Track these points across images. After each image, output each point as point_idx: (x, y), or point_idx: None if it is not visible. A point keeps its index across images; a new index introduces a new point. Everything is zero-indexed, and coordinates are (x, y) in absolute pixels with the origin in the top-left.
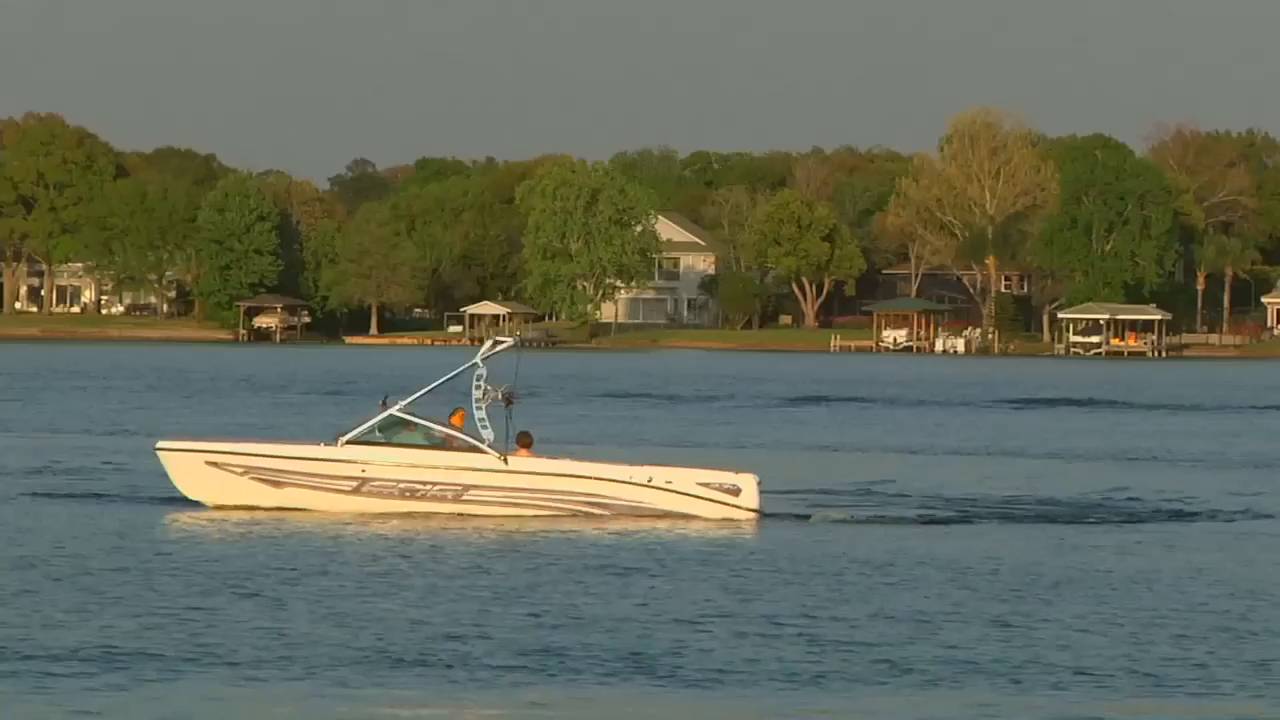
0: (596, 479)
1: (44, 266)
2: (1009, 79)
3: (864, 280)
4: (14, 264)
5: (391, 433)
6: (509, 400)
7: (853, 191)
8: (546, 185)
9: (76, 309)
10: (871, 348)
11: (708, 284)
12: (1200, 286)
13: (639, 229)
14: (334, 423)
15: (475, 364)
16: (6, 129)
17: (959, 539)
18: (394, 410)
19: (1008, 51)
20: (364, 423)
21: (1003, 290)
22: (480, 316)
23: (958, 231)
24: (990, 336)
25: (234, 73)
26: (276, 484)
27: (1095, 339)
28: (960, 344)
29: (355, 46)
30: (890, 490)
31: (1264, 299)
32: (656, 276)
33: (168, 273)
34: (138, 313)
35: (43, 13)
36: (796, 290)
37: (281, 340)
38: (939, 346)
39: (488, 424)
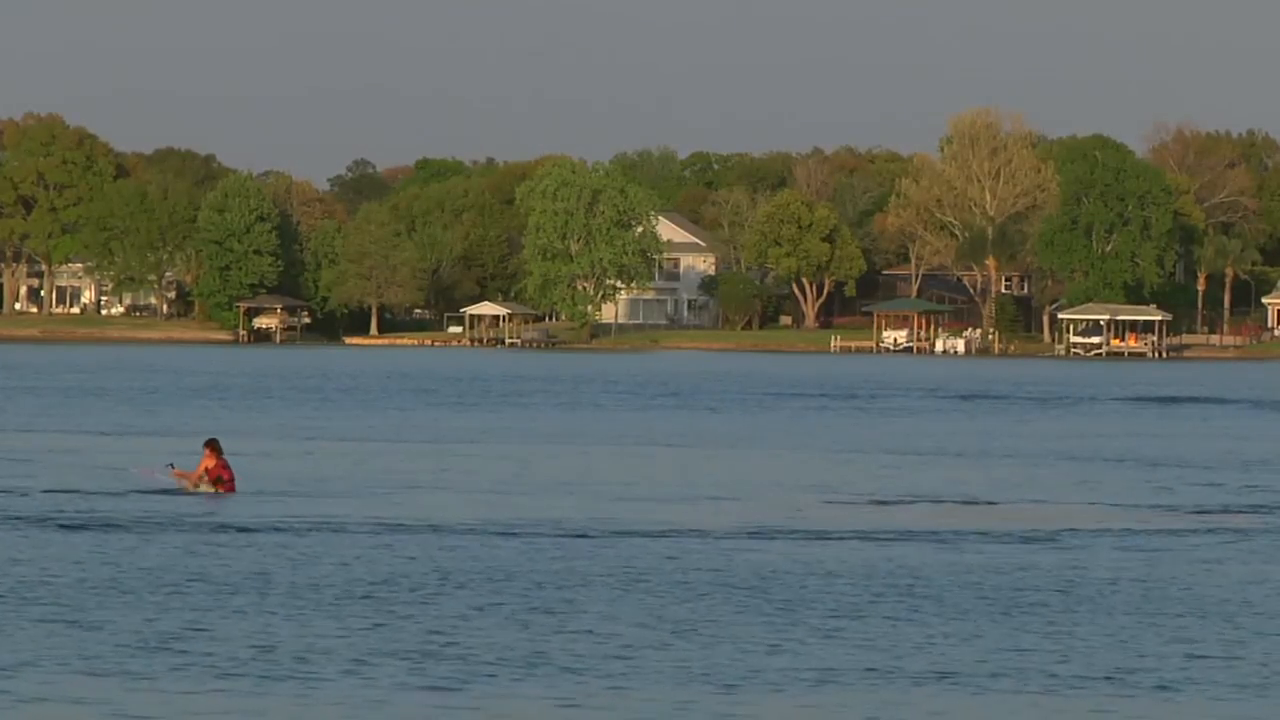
0: None
1: (44, 267)
2: (1009, 79)
3: (864, 281)
4: (14, 264)
5: None
6: None
7: (853, 192)
8: (547, 186)
9: (76, 309)
10: (872, 348)
11: (708, 284)
12: (1200, 287)
13: (639, 230)
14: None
15: None
16: (6, 129)
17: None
18: None
19: (1008, 51)
20: None
21: (1003, 291)
22: (480, 317)
23: (958, 232)
24: (990, 337)
25: (234, 73)
26: None
27: (1095, 339)
28: (960, 345)
29: (356, 46)
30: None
31: (1264, 299)
32: (657, 277)
33: (167, 273)
34: (137, 313)
35: (43, 13)
36: (796, 291)
37: (281, 341)
38: (939, 347)
39: None
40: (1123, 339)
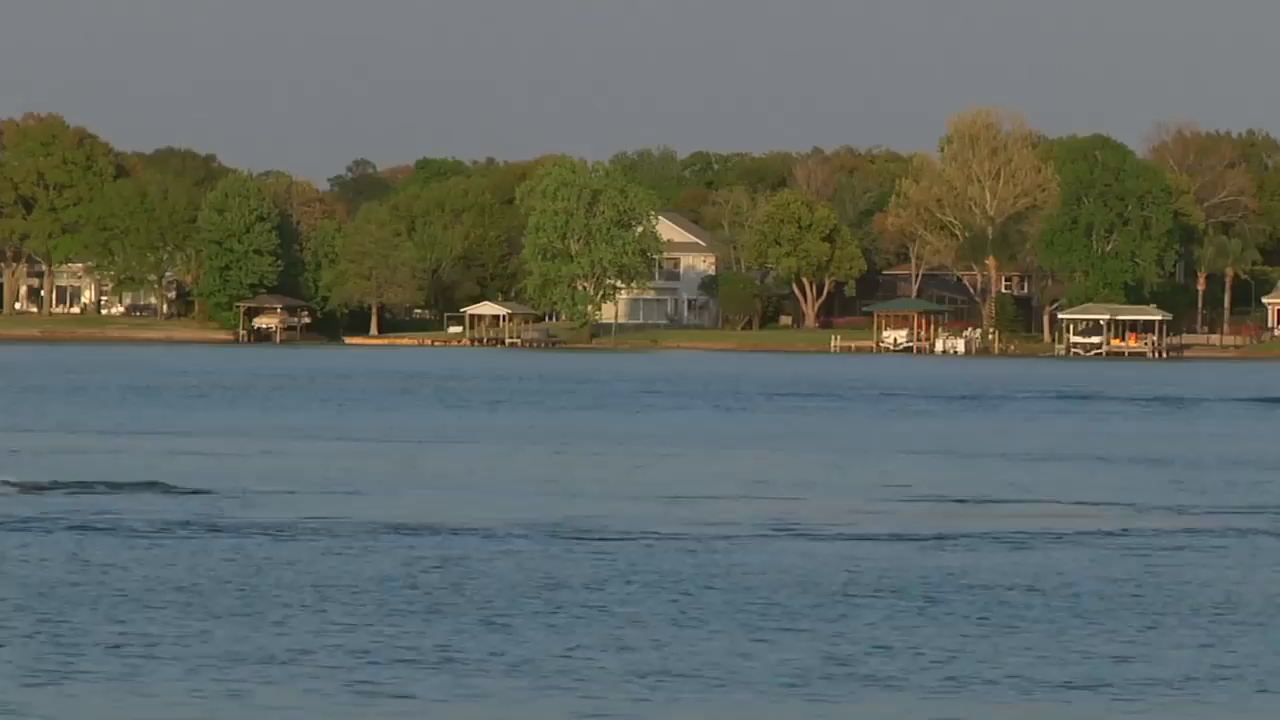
0: None
1: (44, 267)
2: (1009, 79)
3: (864, 280)
4: (14, 264)
5: None
6: None
7: (853, 191)
8: (547, 186)
9: (76, 310)
10: (872, 348)
11: (708, 284)
12: (1200, 287)
13: (639, 229)
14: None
15: None
16: (6, 129)
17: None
18: None
19: (1008, 52)
20: None
21: (1003, 291)
22: (480, 317)
23: (958, 232)
24: (990, 337)
25: (234, 73)
26: None
27: (1095, 339)
28: (960, 345)
29: (356, 46)
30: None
31: (1264, 299)
32: (657, 277)
33: (167, 273)
34: (137, 313)
35: (43, 13)
36: (796, 291)
37: (281, 341)
38: (939, 347)
39: None
40: (1123, 339)
